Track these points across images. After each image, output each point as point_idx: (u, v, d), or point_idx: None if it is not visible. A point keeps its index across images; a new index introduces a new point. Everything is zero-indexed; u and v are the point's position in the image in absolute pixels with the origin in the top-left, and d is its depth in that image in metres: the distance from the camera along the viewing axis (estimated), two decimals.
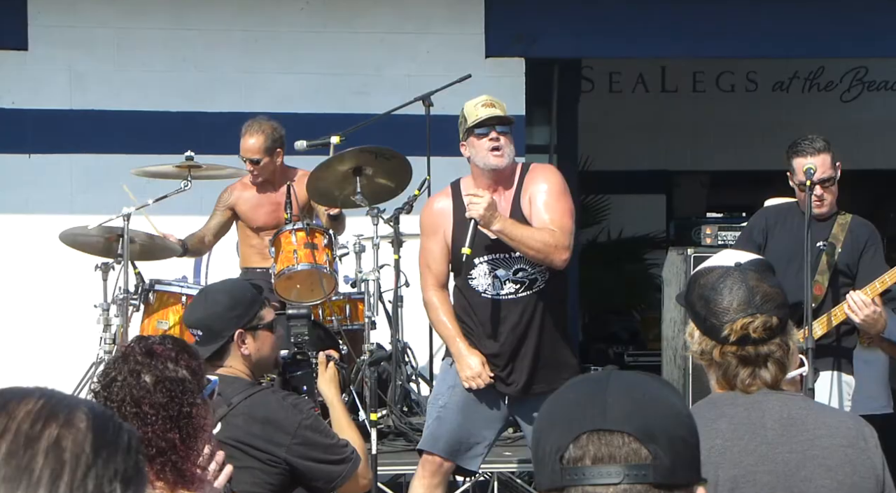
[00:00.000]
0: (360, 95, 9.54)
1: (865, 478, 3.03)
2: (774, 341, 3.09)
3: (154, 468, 3.03)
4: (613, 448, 1.77)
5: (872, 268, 6.74)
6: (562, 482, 1.78)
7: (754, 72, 13.92)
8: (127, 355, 3.17)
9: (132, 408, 3.08)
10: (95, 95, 9.48)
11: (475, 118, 6.11)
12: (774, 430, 3.07)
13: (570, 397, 1.86)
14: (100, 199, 8.66)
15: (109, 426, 1.40)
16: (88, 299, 7.69)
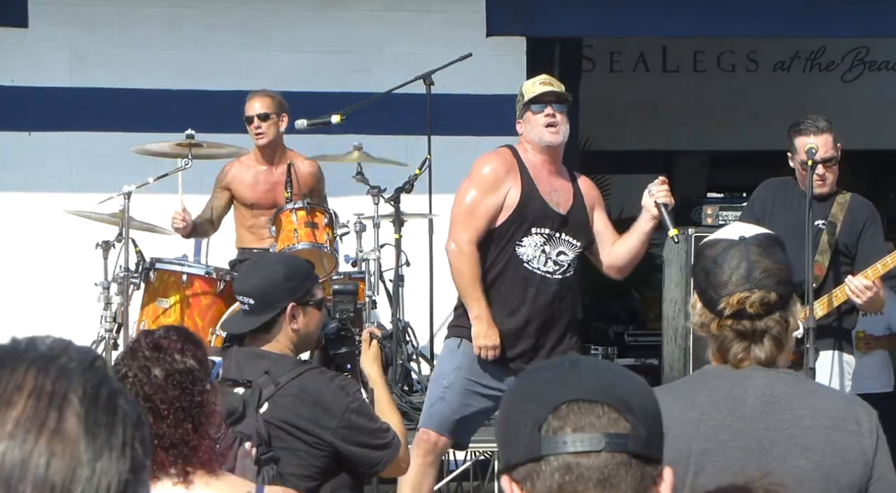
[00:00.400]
0: (360, 74, 9.52)
1: (849, 461, 3.00)
2: (772, 317, 3.07)
3: (169, 457, 3.12)
4: (594, 417, 1.78)
5: (871, 248, 6.75)
6: (540, 451, 1.78)
7: (755, 51, 13.89)
8: (135, 351, 3.24)
9: (145, 403, 3.14)
10: (95, 73, 9.46)
11: (532, 94, 6.18)
12: (754, 406, 3.05)
13: (544, 374, 1.87)
14: (100, 177, 8.64)
15: (102, 423, 1.32)
16: (89, 278, 7.69)
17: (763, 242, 3.15)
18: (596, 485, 1.77)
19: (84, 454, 1.28)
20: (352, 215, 7.91)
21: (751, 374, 3.09)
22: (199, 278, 7.49)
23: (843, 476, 2.99)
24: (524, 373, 1.94)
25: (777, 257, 3.12)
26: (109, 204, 7.45)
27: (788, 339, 3.12)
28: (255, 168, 7.98)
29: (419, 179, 7.61)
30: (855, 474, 3.00)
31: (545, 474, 1.78)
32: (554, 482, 1.78)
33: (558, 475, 1.78)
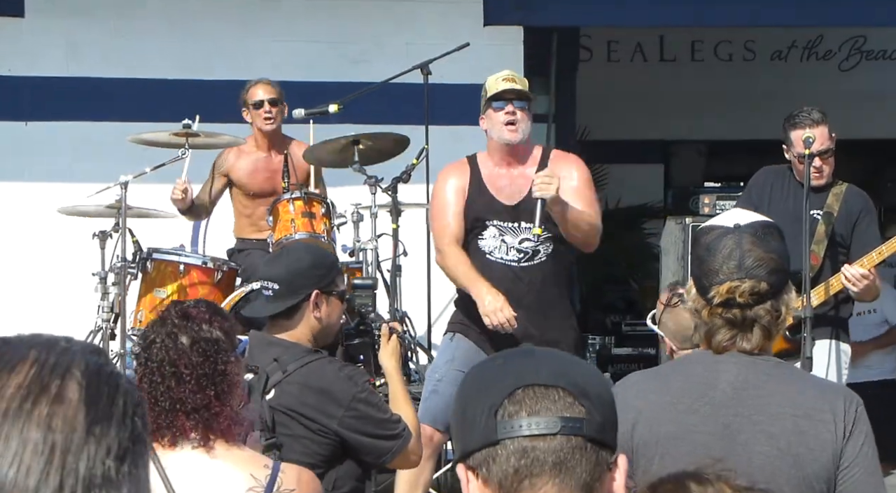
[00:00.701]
0: (358, 64, 9.51)
1: (814, 450, 2.98)
2: (763, 307, 3.07)
3: (190, 422, 3.25)
4: (549, 402, 1.79)
5: (865, 239, 6.77)
6: (496, 435, 1.79)
7: (752, 41, 13.88)
8: (164, 319, 3.36)
9: (170, 368, 3.27)
10: (92, 63, 9.44)
11: (494, 90, 6.19)
12: (724, 392, 3.05)
13: (498, 362, 1.89)
14: (97, 167, 8.63)
15: (104, 392, 1.33)
16: (86, 268, 7.68)
17: (758, 231, 3.14)
18: (551, 468, 1.78)
19: (84, 418, 1.30)
20: (349, 205, 7.91)
21: (727, 360, 3.09)
22: (196, 268, 7.49)
23: (808, 465, 2.98)
24: (478, 363, 1.95)
25: (771, 246, 3.11)
26: (106, 194, 7.44)
27: (779, 329, 3.11)
28: (254, 155, 8.01)
29: (416, 169, 7.60)
30: (822, 463, 2.99)
31: (501, 458, 1.79)
32: (510, 467, 1.79)
33: (514, 458, 1.78)
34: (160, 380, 3.30)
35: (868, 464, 3.02)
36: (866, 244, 6.73)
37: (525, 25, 9.73)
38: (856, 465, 3.00)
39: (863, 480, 3.00)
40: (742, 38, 13.83)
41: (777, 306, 3.08)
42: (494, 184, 6.37)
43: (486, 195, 6.33)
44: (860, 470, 3.00)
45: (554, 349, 1.97)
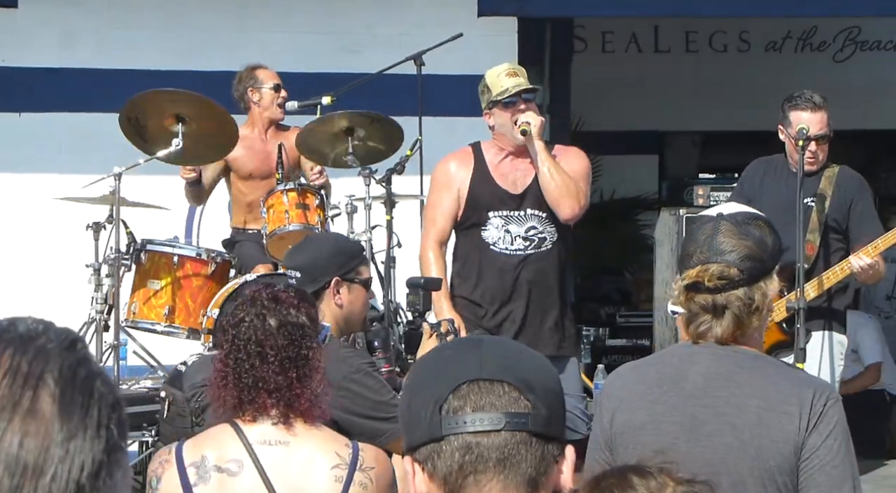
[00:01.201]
0: (351, 55, 9.49)
1: (777, 442, 2.98)
2: (734, 293, 3.07)
3: (271, 400, 3.37)
4: (494, 397, 1.79)
5: (862, 221, 6.77)
6: (441, 431, 1.79)
7: (747, 31, 13.88)
8: (255, 300, 3.48)
9: (256, 347, 3.40)
10: (86, 54, 9.42)
11: (501, 90, 6.25)
12: (695, 383, 3.07)
13: (445, 354, 1.89)
14: (92, 158, 8.61)
15: (78, 403, 1.30)
16: (80, 259, 7.67)
17: (740, 220, 3.17)
18: (496, 464, 1.78)
19: (58, 434, 1.27)
20: (343, 197, 7.89)
21: (701, 351, 3.11)
22: (190, 260, 7.47)
23: (771, 458, 2.98)
24: (425, 355, 1.95)
25: (749, 235, 3.12)
26: (100, 185, 7.42)
27: (752, 319, 3.10)
28: (250, 137, 8.04)
29: (410, 160, 7.60)
30: (784, 456, 2.99)
31: (446, 454, 1.79)
32: (454, 462, 1.79)
33: (458, 454, 1.79)
34: (245, 358, 3.42)
35: (832, 457, 2.99)
36: (864, 225, 6.75)
37: (519, 16, 9.72)
38: (816, 457, 2.99)
39: (824, 472, 2.98)
40: (736, 29, 13.82)
41: (750, 294, 3.08)
42: (499, 172, 6.43)
43: (491, 183, 6.40)
44: (820, 462, 2.99)
45: (504, 339, 1.99)
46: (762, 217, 3.28)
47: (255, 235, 7.74)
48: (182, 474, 3.36)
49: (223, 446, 3.40)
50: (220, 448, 3.39)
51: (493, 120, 6.41)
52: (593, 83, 12.73)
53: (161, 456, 3.43)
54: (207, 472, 3.35)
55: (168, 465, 3.39)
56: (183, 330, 7.43)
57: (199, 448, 3.41)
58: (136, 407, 6.60)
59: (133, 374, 7.73)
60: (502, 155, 6.45)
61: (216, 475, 3.36)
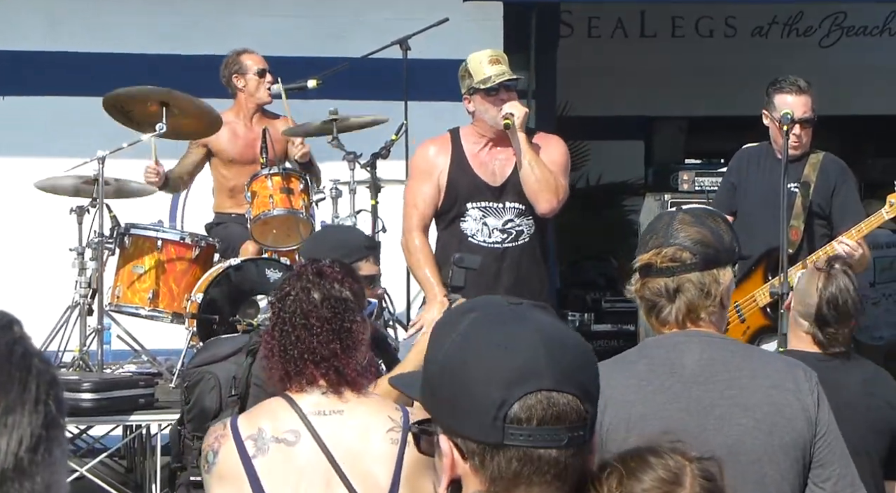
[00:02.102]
0: (337, 39, 9.47)
1: (790, 419, 3.02)
2: (686, 276, 3.09)
3: (319, 370, 3.48)
4: (559, 409, 1.76)
5: (845, 207, 6.80)
6: (503, 439, 1.75)
7: (733, 17, 13.87)
8: (300, 274, 3.59)
9: (301, 320, 3.50)
10: (72, 37, 9.39)
11: (483, 77, 6.22)
12: (692, 369, 3.08)
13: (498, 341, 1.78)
14: (76, 142, 8.58)
15: (16, 379, 1.30)
16: (63, 243, 7.65)
17: (697, 213, 3.23)
18: (553, 478, 1.77)
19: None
20: (328, 181, 7.88)
21: (686, 340, 3.12)
22: (173, 244, 7.46)
23: (785, 434, 3.02)
24: (485, 329, 1.81)
25: (705, 225, 3.16)
26: (83, 169, 7.41)
27: (706, 304, 3.11)
28: (233, 124, 8.02)
29: (396, 145, 7.58)
30: (798, 431, 3.03)
31: (501, 458, 1.77)
32: (510, 470, 1.77)
33: (517, 464, 1.76)
34: (290, 330, 3.52)
35: (837, 432, 3.09)
36: (847, 211, 6.78)
37: (505, 1, 9.70)
38: (830, 433, 3.07)
39: (839, 443, 3.08)
40: (723, 15, 13.81)
41: (703, 279, 3.10)
42: (478, 161, 6.39)
43: (469, 173, 6.36)
44: (833, 437, 3.07)
45: (547, 320, 1.84)
46: (722, 216, 3.34)
47: (240, 219, 7.72)
48: (240, 446, 3.40)
49: (278, 418, 3.45)
50: (276, 420, 3.45)
51: (472, 106, 6.38)
52: (579, 69, 12.70)
53: (216, 431, 3.47)
54: (266, 444, 3.41)
55: (224, 439, 3.43)
56: (167, 314, 7.42)
57: (255, 421, 3.46)
58: (119, 391, 6.59)
59: (117, 358, 7.72)
60: (482, 143, 6.40)
61: (274, 446, 3.41)
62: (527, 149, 6.24)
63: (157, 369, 7.41)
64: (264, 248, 7.51)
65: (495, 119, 6.27)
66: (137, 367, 7.61)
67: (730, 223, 3.30)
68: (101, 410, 6.51)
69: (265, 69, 8.05)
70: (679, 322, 3.12)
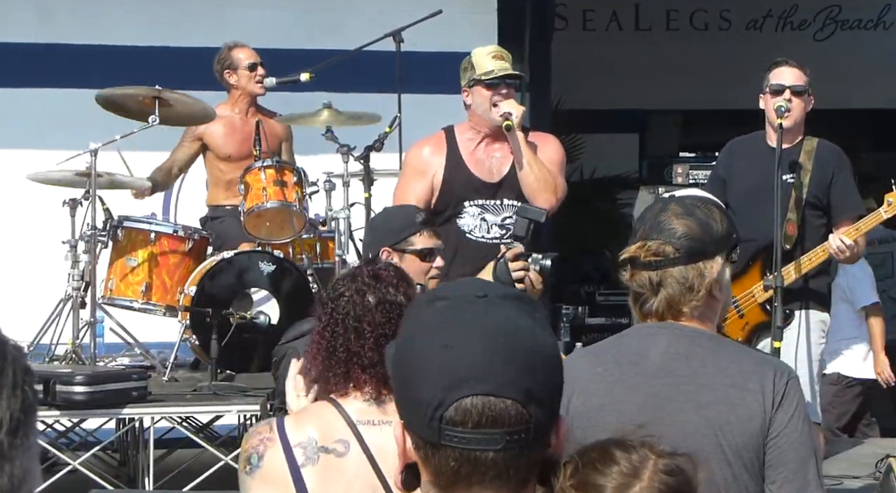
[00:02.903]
0: (330, 31, 9.45)
1: (742, 420, 3.00)
2: (669, 271, 3.09)
3: (365, 376, 3.37)
4: (497, 412, 1.74)
5: (844, 197, 6.76)
6: (439, 439, 1.75)
7: (727, 10, 13.87)
8: (356, 276, 3.49)
9: (353, 322, 3.41)
10: (63, 29, 9.36)
11: (485, 71, 6.24)
12: (654, 362, 3.08)
13: (446, 340, 1.77)
14: (68, 134, 8.55)
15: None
16: (57, 236, 7.63)
17: (688, 202, 3.20)
18: (492, 478, 1.77)
19: None
20: (321, 174, 7.86)
21: (658, 331, 3.12)
22: (167, 236, 7.45)
23: (737, 434, 3.00)
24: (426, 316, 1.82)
25: (693, 216, 3.14)
26: (76, 161, 7.38)
27: (688, 298, 3.11)
28: (228, 118, 8.00)
29: (389, 138, 7.56)
30: (750, 433, 3.00)
31: (442, 456, 1.77)
32: (449, 468, 1.77)
33: (455, 463, 1.76)
34: (342, 332, 3.42)
35: (799, 434, 3.03)
36: (846, 200, 6.75)
37: None
38: (785, 435, 3.02)
39: (793, 449, 3.02)
40: (717, 8, 13.81)
41: (685, 273, 3.09)
42: (474, 159, 6.37)
43: (465, 172, 6.34)
44: (789, 440, 3.02)
45: (502, 317, 1.80)
46: (715, 203, 3.29)
47: (233, 211, 7.70)
48: (288, 454, 3.30)
49: (327, 425, 3.36)
50: (325, 428, 3.35)
51: (471, 99, 6.37)
52: (574, 62, 12.70)
53: (262, 433, 3.36)
54: (315, 453, 3.32)
55: (271, 443, 3.32)
56: (160, 307, 7.40)
57: (303, 428, 3.35)
58: (112, 384, 6.56)
59: (110, 351, 7.70)
60: (477, 139, 6.39)
61: (324, 456, 3.32)
62: (525, 148, 6.24)
63: (151, 362, 7.39)
64: (258, 241, 7.49)
65: (490, 114, 6.26)
66: (130, 360, 7.59)
67: (724, 210, 3.26)
68: (93, 403, 6.48)
69: (256, 63, 8.02)
70: (659, 315, 3.12)
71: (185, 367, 7.59)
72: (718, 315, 3.22)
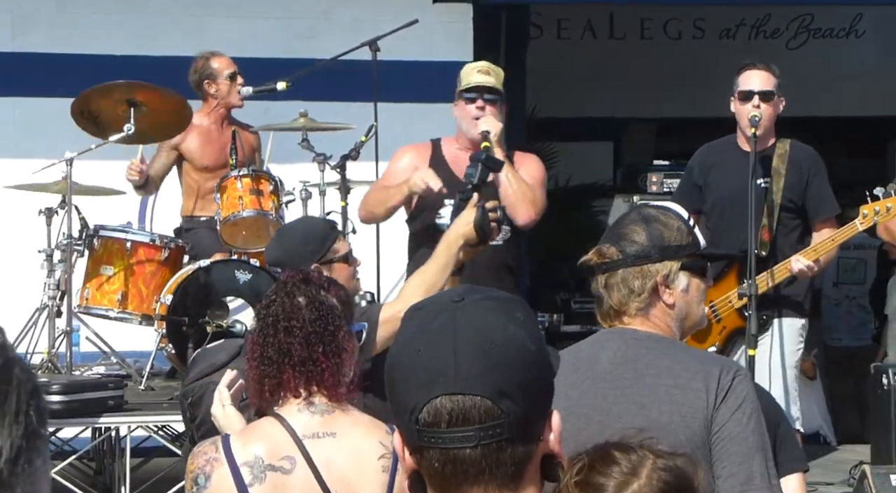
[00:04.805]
0: (306, 40, 9.47)
1: (686, 417, 3.08)
2: (615, 274, 3.21)
3: (295, 373, 3.41)
4: (466, 410, 1.78)
5: (819, 200, 6.83)
6: (419, 442, 1.80)
7: (701, 19, 13.92)
8: (286, 282, 3.54)
9: (284, 322, 3.44)
10: (38, 38, 9.35)
11: (467, 84, 6.29)
12: (605, 366, 3.18)
13: (420, 347, 1.83)
14: (43, 143, 8.55)
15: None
16: (32, 245, 7.63)
17: (646, 211, 3.33)
18: (475, 476, 1.80)
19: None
20: (297, 183, 7.88)
21: (611, 336, 3.23)
22: (143, 246, 7.45)
23: (681, 433, 3.06)
24: (403, 327, 1.89)
25: (646, 222, 3.24)
26: (51, 171, 7.38)
27: (631, 302, 3.20)
28: (206, 128, 8.00)
29: (365, 147, 7.58)
30: (693, 430, 3.08)
31: (426, 458, 1.82)
32: (435, 470, 1.81)
33: (438, 464, 1.81)
34: (272, 333, 3.45)
35: (742, 429, 3.09)
36: (822, 204, 6.82)
37: (474, 2, 9.71)
38: (727, 429, 3.08)
39: (735, 442, 3.08)
40: (691, 17, 13.87)
41: (626, 276, 3.21)
42: (457, 166, 6.40)
43: (447, 171, 6.37)
44: (730, 434, 3.08)
45: (478, 321, 1.83)
46: (677, 214, 3.35)
47: (208, 222, 7.71)
48: (235, 474, 3.31)
49: (273, 442, 3.36)
50: (271, 445, 3.35)
51: (456, 112, 6.47)
52: (549, 70, 12.74)
53: (207, 453, 3.35)
54: (262, 472, 3.33)
55: (217, 463, 3.33)
56: (136, 316, 7.40)
57: (250, 446, 3.36)
58: (88, 393, 6.57)
59: (86, 360, 7.71)
60: (461, 150, 6.45)
61: (271, 474, 3.33)
62: (504, 163, 6.26)
63: (127, 370, 7.39)
64: (233, 250, 7.50)
65: (470, 129, 6.32)
66: (107, 369, 7.59)
67: (685, 219, 3.33)
68: (70, 412, 6.48)
69: (236, 72, 8.02)
70: (609, 317, 3.25)
71: (161, 376, 7.59)
72: (678, 322, 3.28)
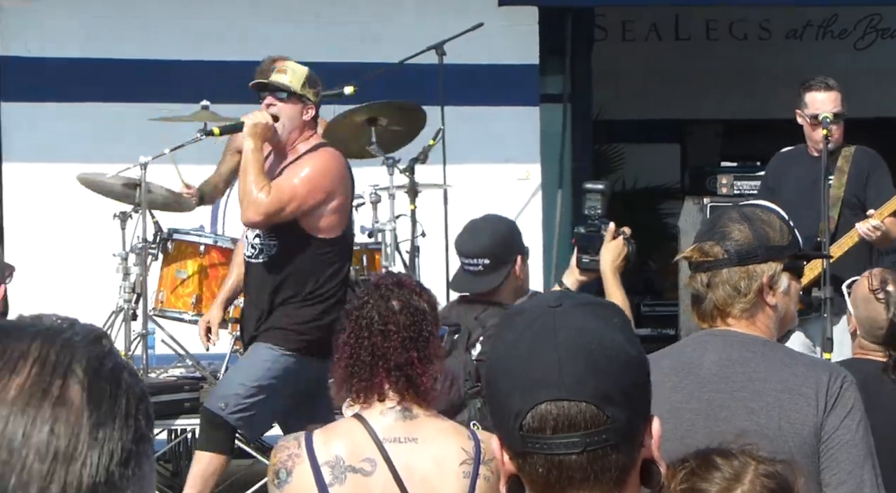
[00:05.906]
0: (370, 44, 9.50)
1: (795, 424, 3.03)
2: (718, 273, 3.13)
3: (391, 379, 3.43)
4: (572, 416, 1.79)
5: (879, 192, 7.10)
6: (524, 447, 1.81)
7: (767, 20, 13.86)
8: (379, 284, 3.59)
9: (379, 326, 3.48)
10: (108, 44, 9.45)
11: None
12: (709, 369, 3.11)
13: (522, 352, 1.84)
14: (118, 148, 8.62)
15: (106, 392, 1.30)
16: (107, 249, 7.73)
17: (747, 209, 3.28)
18: (580, 481, 1.81)
19: (87, 421, 1.27)
20: (367, 186, 7.93)
21: (713, 338, 3.16)
22: (216, 249, 7.52)
23: (790, 439, 3.02)
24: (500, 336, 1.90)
25: (749, 221, 3.17)
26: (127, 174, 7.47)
27: (736, 302, 3.14)
28: None
29: (433, 150, 7.63)
30: (803, 437, 3.03)
31: (531, 463, 1.82)
32: (539, 476, 1.82)
33: (543, 470, 1.81)
34: (367, 335, 3.48)
35: (851, 436, 3.05)
36: (881, 196, 7.04)
37: (540, 5, 9.73)
38: (836, 437, 3.04)
39: (845, 450, 3.04)
40: (757, 17, 13.81)
41: (732, 275, 3.13)
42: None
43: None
44: (840, 442, 3.04)
45: (579, 324, 1.84)
46: (779, 214, 3.31)
47: None
48: (316, 472, 3.36)
49: (355, 444, 3.40)
50: (352, 446, 3.39)
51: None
52: (614, 72, 12.74)
53: (289, 448, 3.41)
54: (343, 472, 3.37)
55: (299, 459, 3.38)
56: None
57: (331, 446, 3.40)
58: (164, 396, 6.66)
59: (161, 363, 7.78)
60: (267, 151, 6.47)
61: (351, 476, 3.37)
62: (247, 159, 6.25)
63: (202, 373, 7.46)
64: None
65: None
66: (182, 371, 7.67)
67: (785, 219, 3.28)
68: None
69: None
70: (711, 317, 3.17)
71: None
72: (777, 324, 3.24)
